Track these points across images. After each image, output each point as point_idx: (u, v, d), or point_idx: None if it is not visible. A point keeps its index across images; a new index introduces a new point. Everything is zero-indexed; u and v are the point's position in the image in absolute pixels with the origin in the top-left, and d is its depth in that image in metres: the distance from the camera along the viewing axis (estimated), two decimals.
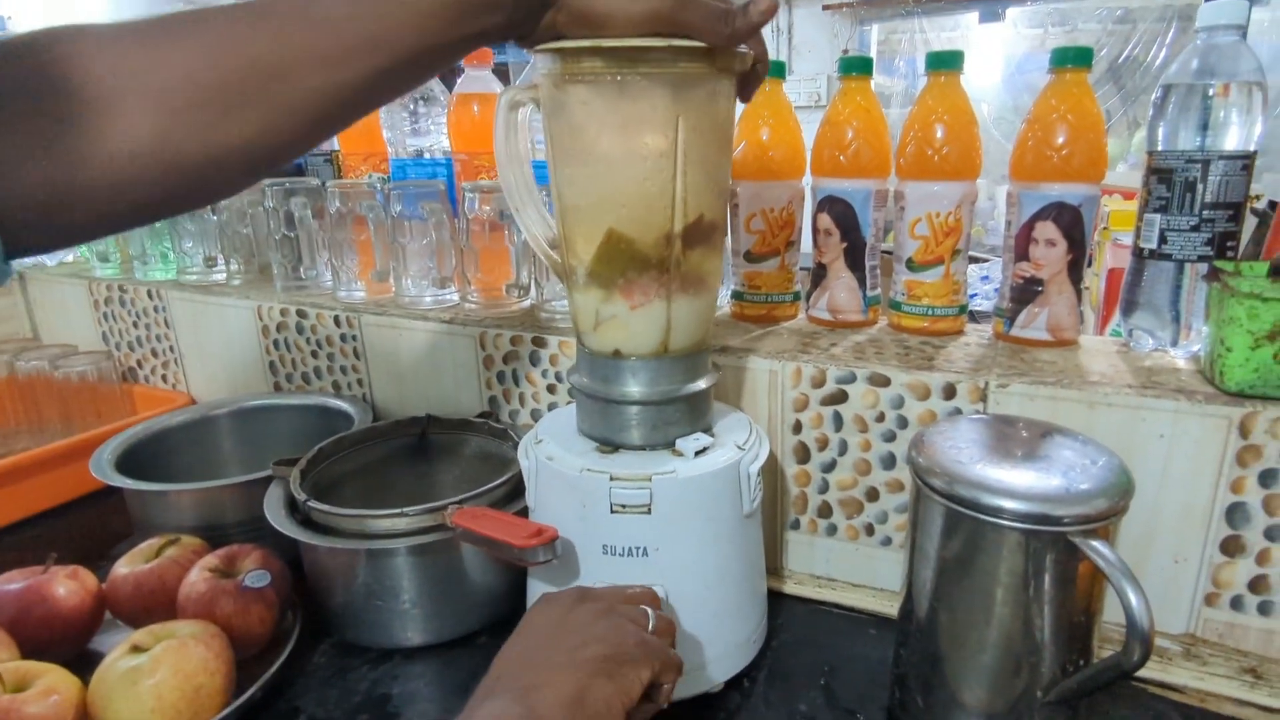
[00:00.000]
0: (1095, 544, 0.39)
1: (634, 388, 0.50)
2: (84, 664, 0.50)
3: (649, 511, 0.48)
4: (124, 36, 0.33)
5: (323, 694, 0.55)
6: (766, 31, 0.45)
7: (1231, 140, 0.52)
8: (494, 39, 0.41)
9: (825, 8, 3.21)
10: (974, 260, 2.33)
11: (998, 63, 3.30)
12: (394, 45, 0.36)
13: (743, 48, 0.44)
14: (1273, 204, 0.68)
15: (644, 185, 0.44)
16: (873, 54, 3.34)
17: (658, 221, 0.45)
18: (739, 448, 0.52)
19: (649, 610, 0.44)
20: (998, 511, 0.40)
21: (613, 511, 0.49)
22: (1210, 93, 0.51)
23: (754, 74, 0.47)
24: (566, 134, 0.45)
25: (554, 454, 0.52)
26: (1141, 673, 0.54)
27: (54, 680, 0.48)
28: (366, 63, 0.36)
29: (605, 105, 0.43)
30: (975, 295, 2.10)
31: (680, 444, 0.51)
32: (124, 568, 0.60)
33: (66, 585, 0.57)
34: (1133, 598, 0.37)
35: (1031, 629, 0.42)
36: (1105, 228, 1.60)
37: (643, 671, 0.39)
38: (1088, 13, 3.08)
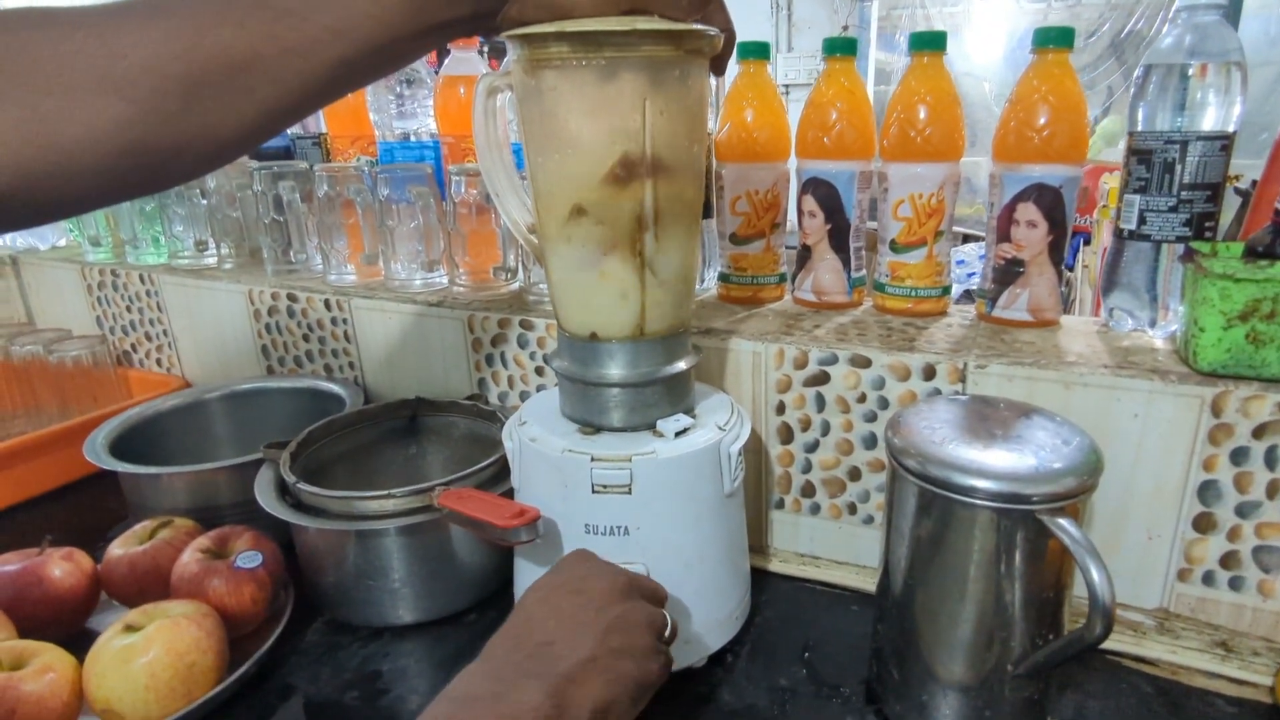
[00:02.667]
0: (1061, 521, 0.39)
1: (613, 370, 0.50)
2: (80, 643, 0.51)
3: (629, 491, 0.49)
4: (89, 22, 0.33)
5: (315, 671, 0.57)
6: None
7: (1209, 121, 0.52)
8: (461, 31, 0.40)
9: None
10: (973, 239, 2.31)
11: (1000, 39, 3.26)
12: (357, 36, 0.36)
13: (713, 30, 0.44)
14: (1254, 183, 0.68)
15: (614, 169, 0.44)
16: (873, 30, 3.29)
17: (628, 205, 0.46)
18: (720, 428, 0.53)
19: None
20: (969, 491, 0.41)
21: (594, 492, 0.49)
22: (1189, 73, 0.51)
23: (724, 48, 0.47)
24: (537, 119, 0.45)
25: (537, 435, 0.52)
26: (1116, 646, 0.55)
27: (50, 659, 0.49)
28: (329, 53, 0.36)
29: (573, 90, 0.43)
30: (974, 274, 2.09)
31: (661, 425, 0.51)
32: (118, 549, 0.61)
33: (62, 566, 0.58)
34: (1095, 573, 0.38)
35: (1003, 604, 0.43)
36: (1105, 205, 1.58)
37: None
38: None
